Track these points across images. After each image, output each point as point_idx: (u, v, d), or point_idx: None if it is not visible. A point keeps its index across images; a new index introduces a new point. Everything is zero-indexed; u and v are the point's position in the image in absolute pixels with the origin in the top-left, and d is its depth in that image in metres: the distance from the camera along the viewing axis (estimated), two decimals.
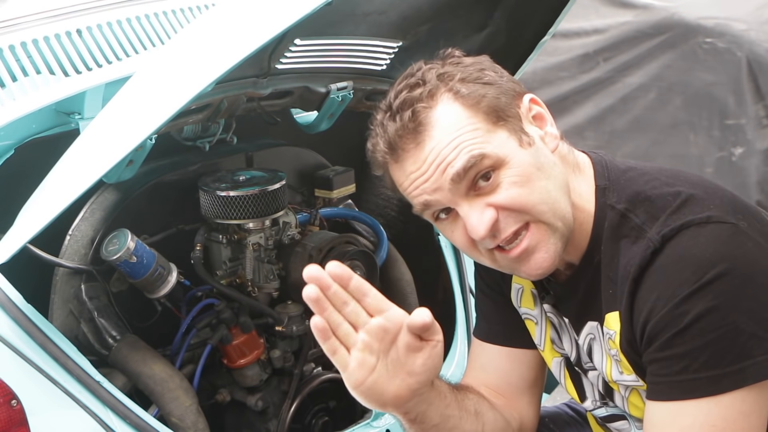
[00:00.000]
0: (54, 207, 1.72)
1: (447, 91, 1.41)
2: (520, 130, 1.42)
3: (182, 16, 2.49)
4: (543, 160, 1.43)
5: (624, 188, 1.47)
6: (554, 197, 1.43)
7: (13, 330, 1.78)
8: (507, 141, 1.41)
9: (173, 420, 2.01)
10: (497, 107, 1.41)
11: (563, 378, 1.66)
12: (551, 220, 1.42)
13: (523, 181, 1.40)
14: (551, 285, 1.58)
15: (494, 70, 1.47)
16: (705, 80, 4.04)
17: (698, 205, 1.40)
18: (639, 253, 1.39)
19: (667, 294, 1.35)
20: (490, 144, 1.40)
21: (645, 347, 1.40)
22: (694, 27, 4.05)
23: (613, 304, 1.45)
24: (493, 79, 1.45)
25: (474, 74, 1.44)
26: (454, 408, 1.53)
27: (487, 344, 1.72)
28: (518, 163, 1.40)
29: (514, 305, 1.68)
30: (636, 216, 1.43)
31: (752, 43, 3.94)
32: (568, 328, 1.58)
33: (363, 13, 2.02)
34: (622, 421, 1.61)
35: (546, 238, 1.43)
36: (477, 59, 1.48)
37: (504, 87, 1.44)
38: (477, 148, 1.39)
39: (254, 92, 2.12)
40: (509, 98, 1.44)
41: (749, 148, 3.98)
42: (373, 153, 1.48)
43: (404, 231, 2.73)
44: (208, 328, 2.23)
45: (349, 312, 1.34)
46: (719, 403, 1.34)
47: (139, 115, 1.73)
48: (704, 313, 1.32)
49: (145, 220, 2.19)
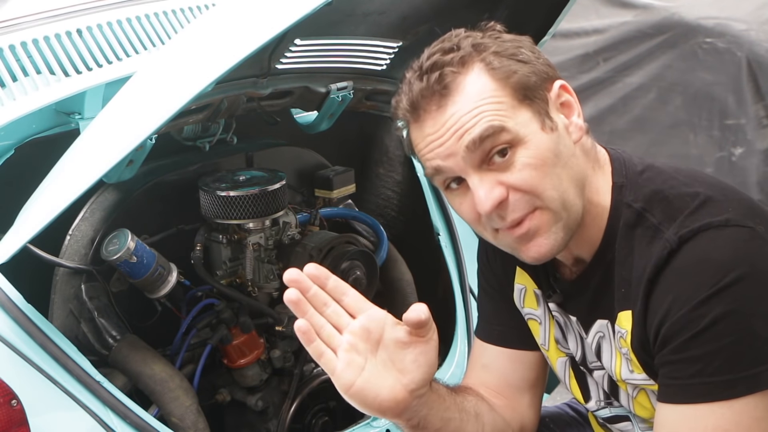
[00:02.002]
0: (54, 207, 1.72)
1: (480, 61, 1.40)
2: (545, 113, 1.41)
3: (182, 16, 2.49)
4: (562, 149, 1.41)
5: (641, 187, 1.45)
6: (565, 187, 1.41)
7: (13, 330, 1.78)
8: (530, 121, 1.39)
9: (173, 420, 2.01)
10: (526, 86, 1.40)
11: (567, 378, 1.65)
12: (558, 208, 1.41)
13: (538, 164, 1.39)
14: (558, 283, 1.57)
15: (532, 50, 1.45)
16: (705, 80, 4.04)
17: (716, 208, 1.38)
18: (655, 253, 1.38)
19: (684, 296, 1.34)
20: (512, 119, 1.38)
21: (658, 349, 1.39)
22: (694, 27, 4.05)
23: (625, 303, 1.44)
24: (528, 57, 1.42)
25: (510, 50, 1.42)
26: (455, 410, 1.52)
27: (488, 345, 1.72)
28: (536, 145, 1.39)
29: (517, 306, 1.67)
30: (653, 215, 1.42)
31: (752, 43, 3.94)
32: (575, 326, 1.57)
33: (363, 13, 2.03)
34: (626, 422, 1.60)
35: (548, 225, 1.41)
36: (517, 37, 1.45)
37: (537, 68, 1.42)
38: (498, 120, 1.37)
39: (254, 92, 2.12)
40: (540, 80, 1.42)
41: (749, 148, 3.98)
42: (395, 111, 1.47)
43: (404, 231, 2.73)
44: (208, 328, 2.23)
45: (330, 313, 1.35)
46: (732, 407, 1.34)
47: (139, 115, 1.73)
48: (721, 317, 1.31)
49: (145, 220, 2.19)
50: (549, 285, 1.59)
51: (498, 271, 1.69)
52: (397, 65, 2.28)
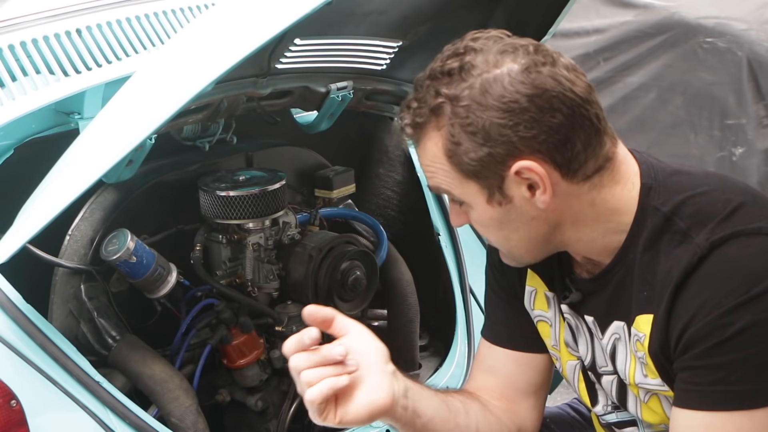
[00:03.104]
0: (54, 207, 1.71)
1: (435, 129, 1.38)
2: (496, 188, 1.39)
3: (182, 16, 2.49)
4: (513, 217, 1.42)
5: (671, 191, 1.43)
6: (514, 245, 1.48)
7: (13, 330, 1.78)
8: (476, 193, 1.41)
9: (173, 420, 2.01)
10: (476, 168, 1.37)
11: (576, 381, 1.64)
12: (509, 253, 1.52)
13: (482, 226, 1.47)
14: (575, 282, 1.55)
15: (516, 111, 1.33)
16: (705, 80, 4.04)
17: (749, 215, 1.37)
18: (685, 258, 1.36)
19: (711, 303, 1.33)
20: (458, 188, 1.42)
21: (680, 354, 1.37)
22: (695, 27, 4.04)
23: (646, 306, 1.42)
24: (496, 133, 1.33)
25: (475, 123, 1.34)
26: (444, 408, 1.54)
27: (495, 347, 1.70)
28: (480, 213, 1.43)
29: (527, 308, 1.66)
30: (681, 220, 1.39)
31: (753, 42, 3.93)
32: (588, 328, 1.56)
33: (363, 13, 2.02)
34: (632, 427, 1.60)
35: (507, 259, 1.54)
36: (509, 89, 1.33)
37: (497, 149, 1.34)
38: (444, 184, 1.43)
39: (254, 92, 2.12)
40: (502, 156, 1.35)
41: (750, 148, 3.97)
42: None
43: (404, 231, 2.73)
44: (208, 328, 2.22)
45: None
46: (752, 417, 1.33)
47: (139, 115, 1.73)
48: (749, 327, 1.30)
49: (145, 220, 2.19)
50: (564, 286, 1.57)
51: (509, 273, 1.67)
52: (397, 65, 2.28)
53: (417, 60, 1.70)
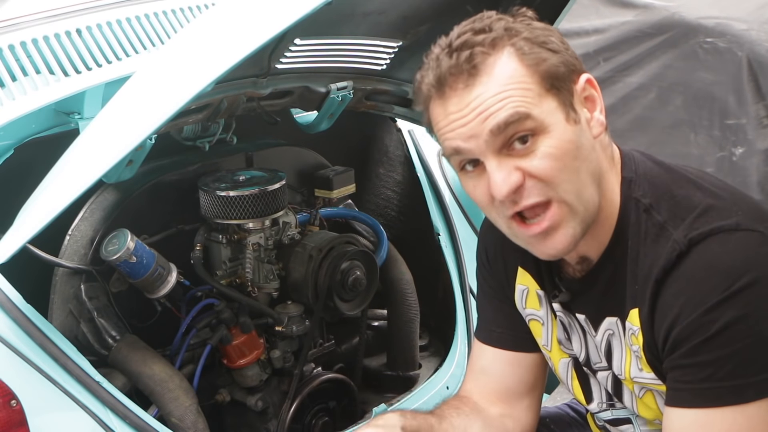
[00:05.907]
0: (54, 207, 1.71)
1: (510, 45, 1.39)
2: (569, 105, 1.40)
3: (182, 16, 2.49)
4: (583, 142, 1.41)
5: (650, 183, 1.45)
6: (583, 180, 1.40)
7: (13, 330, 1.78)
8: (555, 111, 1.38)
9: (173, 420, 2.01)
10: (554, 75, 1.39)
11: (570, 379, 1.65)
12: (574, 202, 1.40)
13: (559, 154, 1.37)
14: (564, 282, 1.56)
15: (561, 40, 1.43)
16: (705, 80, 4.04)
17: (726, 211, 1.38)
18: (663, 254, 1.38)
19: (694, 300, 1.34)
20: (537, 107, 1.37)
21: (668, 353, 1.38)
22: (695, 27, 4.04)
23: (635, 301, 1.44)
24: (558, 47, 1.41)
25: (540, 37, 1.41)
26: None
27: (488, 347, 1.71)
28: (559, 136, 1.38)
29: (518, 307, 1.67)
30: (659, 213, 1.41)
31: (753, 42, 3.93)
32: (580, 326, 1.56)
33: (363, 13, 2.02)
34: (627, 425, 1.60)
35: (567, 220, 1.40)
36: (547, 26, 1.44)
37: (566, 59, 1.41)
38: (524, 106, 1.36)
39: (254, 92, 2.12)
40: (568, 71, 1.41)
41: (750, 148, 3.97)
42: (419, 85, 1.45)
43: (404, 231, 2.73)
44: (208, 328, 2.23)
45: None
46: (744, 412, 1.34)
47: (139, 115, 1.73)
48: (733, 322, 1.31)
49: (145, 220, 2.19)
50: (554, 285, 1.58)
51: (498, 273, 1.68)
52: (397, 65, 2.28)
53: (417, 60, 1.69)
